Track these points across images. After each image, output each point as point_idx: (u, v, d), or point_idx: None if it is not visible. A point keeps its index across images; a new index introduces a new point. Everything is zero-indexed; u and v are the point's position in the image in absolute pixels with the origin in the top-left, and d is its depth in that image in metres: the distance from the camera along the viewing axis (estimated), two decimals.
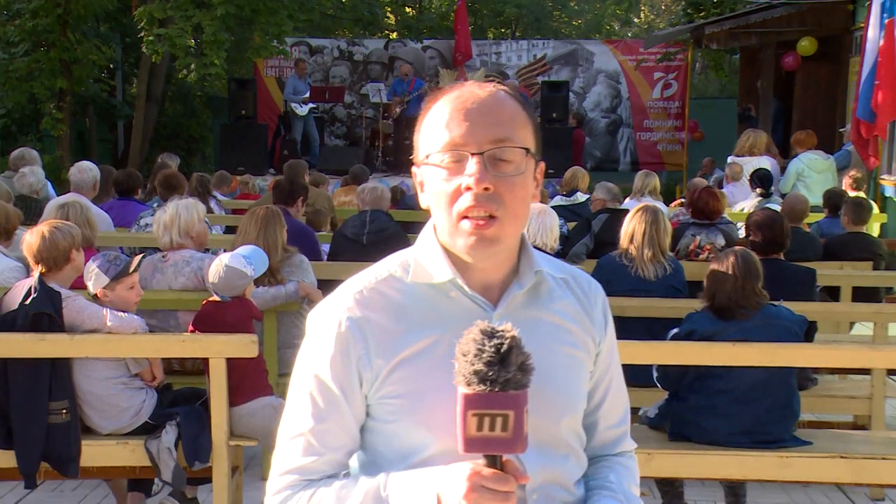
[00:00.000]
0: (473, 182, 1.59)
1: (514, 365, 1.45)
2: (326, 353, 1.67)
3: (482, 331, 1.47)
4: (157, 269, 5.30)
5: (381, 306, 1.67)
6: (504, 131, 1.62)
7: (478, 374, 1.45)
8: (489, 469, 1.49)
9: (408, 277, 1.70)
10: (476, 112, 1.62)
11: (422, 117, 1.71)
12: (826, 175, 11.19)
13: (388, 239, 6.73)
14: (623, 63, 20.89)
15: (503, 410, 1.45)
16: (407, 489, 1.59)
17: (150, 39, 14.92)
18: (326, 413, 1.67)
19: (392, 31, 26.73)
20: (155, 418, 4.33)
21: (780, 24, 15.78)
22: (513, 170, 1.62)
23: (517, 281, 1.70)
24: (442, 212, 1.64)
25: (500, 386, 1.44)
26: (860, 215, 7.55)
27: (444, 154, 1.63)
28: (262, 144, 16.96)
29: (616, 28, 33.99)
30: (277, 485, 1.71)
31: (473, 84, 1.69)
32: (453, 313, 1.66)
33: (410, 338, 1.65)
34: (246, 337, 4.32)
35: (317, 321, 1.72)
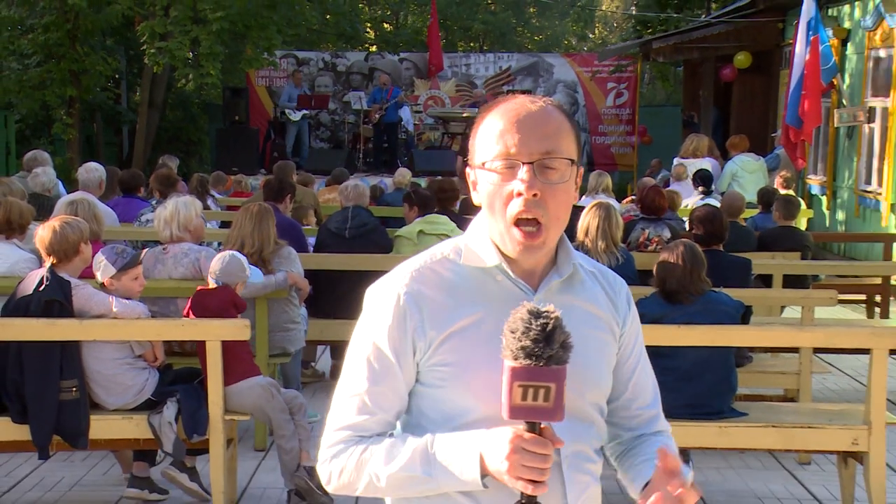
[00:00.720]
0: (524, 188, 1.63)
1: (557, 342, 1.49)
2: (384, 322, 1.69)
3: (529, 311, 1.51)
4: (159, 261, 5.27)
5: (435, 283, 1.70)
6: (551, 143, 1.65)
7: (525, 349, 1.48)
8: (530, 433, 1.53)
9: (460, 259, 1.72)
10: (528, 124, 1.66)
11: (477, 124, 1.73)
12: (757, 175, 11.27)
13: (369, 233, 6.72)
14: (580, 74, 20.91)
15: (546, 383, 1.49)
16: (452, 448, 1.61)
17: (152, 52, 14.83)
18: (381, 377, 1.68)
19: (371, 44, 26.61)
20: (157, 395, 4.31)
21: (718, 40, 15.86)
22: (558, 178, 1.65)
23: (556, 270, 1.73)
24: (496, 213, 1.67)
25: (544, 361, 1.48)
26: (790, 211, 7.61)
27: (498, 161, 1.66)
28: (254, 147, 16.90)
29: (573, 43, 34.05)
30: (331, 439, 1.72)
31: (525, 98, 1.71)
32: (498, 294, 1.69)
33: (461, 312, 1.67)
34: (239, 322, 4.32)
35: (376, 295, 1.74)
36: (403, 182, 10.90)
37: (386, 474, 1.65)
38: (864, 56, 12.38)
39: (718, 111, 17.07)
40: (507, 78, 20.83)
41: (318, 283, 6.40)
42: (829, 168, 13.45)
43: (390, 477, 1.65)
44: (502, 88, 20.06)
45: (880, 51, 11.98)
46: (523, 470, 1.53)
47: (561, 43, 32.19)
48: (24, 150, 9.97)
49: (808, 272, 7.14)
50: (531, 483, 1.53)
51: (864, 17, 12.31)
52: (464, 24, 28.51)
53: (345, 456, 1.69)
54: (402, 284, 1.71)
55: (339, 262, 6.36)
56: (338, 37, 23.08)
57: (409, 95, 19.62)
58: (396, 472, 1.64)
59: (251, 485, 4.87)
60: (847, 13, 13.19)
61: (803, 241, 7.42)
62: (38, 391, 4.16)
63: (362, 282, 7.25)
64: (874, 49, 12.12)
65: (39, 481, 4.92)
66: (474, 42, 29.74)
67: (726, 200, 7.69)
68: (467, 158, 1.76)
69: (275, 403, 4.47)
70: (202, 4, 14.58)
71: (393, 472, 1.65)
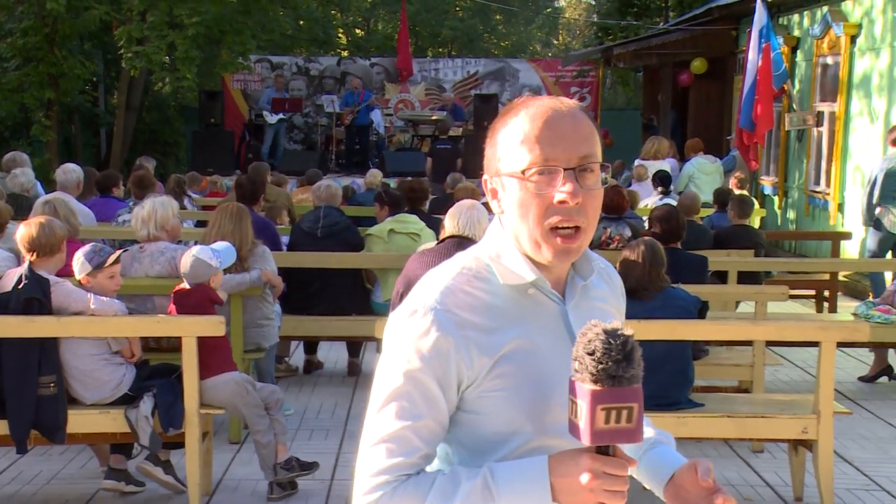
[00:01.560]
0: (568, 197, 1.49)
1: (636, 361, 1.39)
2: (422, 353, 1.49)
3: (605, 331, 1.39)
4: (136, 259, 5.21)
5: (471, 306, 1.52)
6: (587, 147, 1.52)
7: (607, 370, 1.37)
8: (608, 457, 1.41)
9: (492, 277, 1.55)
10: (563, 128, 1.51)
11: (497, 130, 1.58)
12: (714, 176, 11.37)
13: (341, 232, 6.69)
14: (544, 79, 20.97)
15: (630, 403, 1.38)
16: (517, 479, 1.45)
17: (129, 56, 14.67)
18: (425, 410, 1.49)
19: (344, 49, 26.52)
20: (134, 390, 4.27)
21: (676, 46, 15.98)
22: (594, 182, 1.53)
23: (577, 274, 1.61)
24: (529, 222, 1.51)
25: (626, 381, 1.38)
26: (744, 210, 7.68)
27: (535, 168, 1.50)
28: (229, 149, 16.78)
29: (538, 48, 34.15)
30: (368, 485, 1.50)
31: (552, 99, 1.56)
32: (535, 310, 1.56)
33: (506, 334, 1.51)
34: (214, 318, 4.28)
35: (404, 325, 1.52)
36: (375, 182, 10.88)
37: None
38: (812, 63, 12.53)
39: (676, 114, 17.20)
40: (474, 82, 20.85)
41: (292, 280, 6.37)
42: (780, 169, 13.59)
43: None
44: (470, 92, 20.08)
45: (828, 58, 12.12)
46: (605, 495, 1.40)
47: (526, 49, 32.29)
48: (2, 152, 9.82)
49: (761, 269, 7.22)
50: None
51: (813, 25, 12.46)
52: (433, 30, 28.50)
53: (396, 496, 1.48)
54: (437, 310, 1.50)
55: (311, 259, 6.35)
56: (311, 42, 22.97)
57: (380, 99, 19.57)
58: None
59: (226, 477, 4.83)
60: (797, 22, 13.33)
61: (756, 239, 7.49)
62: (17, 387, 4.10)
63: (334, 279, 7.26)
64: (822, 56, 12.26)
65: (18, 475, 4.85)
66: (443, 47, 29.73)
67: (683, 200, 7.74)
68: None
69: (249, 399, 4.44)
70: (178, 10, 14.45)
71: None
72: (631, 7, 23.01)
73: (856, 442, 5.41)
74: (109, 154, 17.61)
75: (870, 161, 10.82)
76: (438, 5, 28.29)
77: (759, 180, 14.10)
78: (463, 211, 4.64)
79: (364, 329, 5.95)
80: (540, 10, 31.04)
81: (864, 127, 11.11)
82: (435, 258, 4.54)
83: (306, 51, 22.89)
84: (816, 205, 12.36)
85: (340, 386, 6.52)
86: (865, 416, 5.89)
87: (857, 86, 11.28)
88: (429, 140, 17.58)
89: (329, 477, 4.80)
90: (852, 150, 11.37)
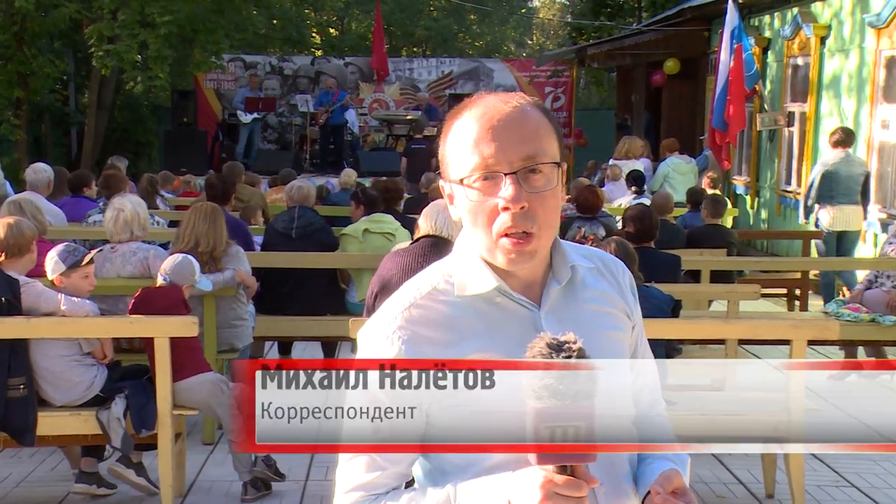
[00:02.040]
0: (510, 202, 1.42)
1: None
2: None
3: (549, 344, 1.31)
4: (107, 259, 5.17)
5: (430, 321, 1.48)
6: (533, 147, 1.44)
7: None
8: (561, 476, 1.32)
9: (453, 290, 1.50)
10: (504, 130, 1.43)
11: (446, 131, 1.51)
12: (688, 176, 11.46)
13: (315, 232, 6.67)
14: (518, 78, 21.02)
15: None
16: (477, 498, 1.40)
17: (100, 55, 14.52)
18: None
19: (318, 48, 26.43)
20: (105, 391, 4.23)
21: (649, 47, 16.08)
22: (544, 184, 1.44)
23: (553, 277, 1.53)
24: (479, 229, 1.46)
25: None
26: (717, 210, 7.74)
27: (476, 174, 1.44)
28: (202, 148, 16.68)
29: (512, 48, 34.23)
30: (341, 502, 1.50)
31: (496, 98, 1.48)
32: (502, 319, 1.49)
33: (466, 348, 1.45)
34: (187, 318, 4.25)
35: (368, 342, 1.50)
36: (349, 182, 10.85)
37: None
38: (783, 63, 12.65)
39: (650, 114, 17.32)
40: (449, 82, 20.87)
41: (266, 280, 6.34)
42: (752, 169, 13.71)
43: None
44: (444, 92, 20.09)
45: (798, 59, 12.25)
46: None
47: (501, 49, 32.35)
48: None
49: (734, 268, 7.28)
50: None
51: (784, 26, 12.58)
52: (407, 29, 28.48)
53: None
54: (395, 328, 1.48)
55: (285, 260, 6.33)
56: (284, 41, 22.87)
57: (354, 98, 19.52)
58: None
59: (199, 478, 4.80)
60: (768, 23, 13.46)
61: (729, 238, 7.55)
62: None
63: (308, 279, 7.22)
64: (793, 57, 12.39)
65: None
66: (417, 47, 29.71)
67: (657, 200, 7.79)
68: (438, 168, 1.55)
69: (223, 399, 4.42)
70: (150, 9, 14.33)
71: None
72: (604, 7, 23.14)
73: None
74: (80, 153, 17.45)
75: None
76: (412, 5, 28.29)
77: (732, 180, 14.21)
78: (439, 211, 4.65)
79: (339, 329, 5.92)
80: (514, 11, 31.11)
81: (833, 127, 11.23)
82: (409, 258, 4.54)
83: (280, 50, 22.79)
84: (788, 204, 12.48)
85: None
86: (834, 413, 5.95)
87: (826, 86, 11.41)
88: (404, 140, 17.57)
89: (303, 477, 4.78)
90: (823, 150, 11.50)
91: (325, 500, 4.58)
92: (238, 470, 4.50)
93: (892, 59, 9.89)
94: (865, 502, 4.60)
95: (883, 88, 10.03)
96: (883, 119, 10.05)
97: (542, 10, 36.87)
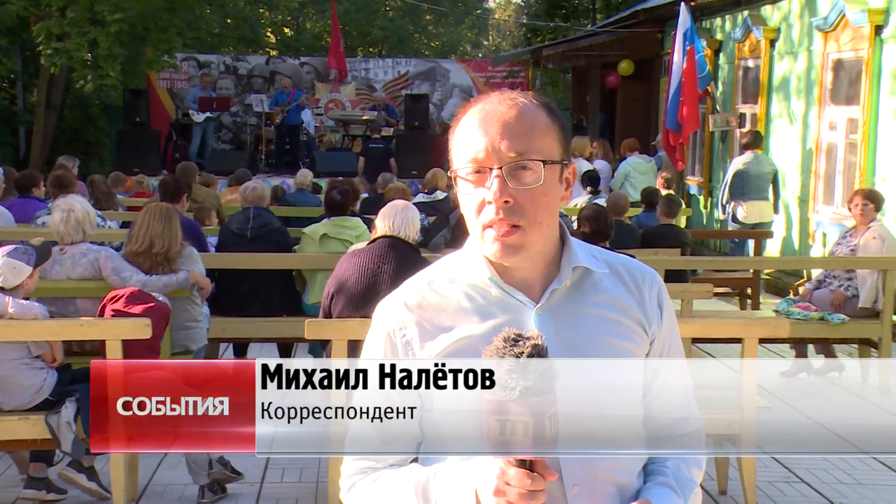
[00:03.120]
0: (493, 196, 1.48)
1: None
2: (379, 353, 1.58)
3: (505, 338, 1.34)
4: (56, 261, 5.07)
5: (427, 306, 1.57)
6: (523, 144, 1.49)
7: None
8: (515, 468, 1.35)
9: (452, 278, 1.59)
10: (496, 126, 1.49)
11: (453, 128, 1.58)
12: (649, 176, 11.59)
13: (271, 233, 6.62)
14: (475, 79, 21.07)
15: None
16: (449, 483, 1.46)
17: (49, 53, 14.24)
18: None
19: (272, 48, 26.23)
20: (55, 395, 4.15)
21: (603, 48, 16.22)
22: (533, 180, 1.49)
23: (557, 277, 1.56)
24: (471, 221, 1.54)
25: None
26: (672, 210, 7.83)
27: (468, 167, 1.51)
28: (155, 148, 16.46)
29: (468, 49, 34.30)
30: (349, 469, 1.61)
31: (497, 97, 1.55)
32: (494, 310, 1.54)
33: (453, 334, 1.53)
34: (139, 321, 4.19)
35: (373, 323, 1.61)
36: (304, 183, 10.79)
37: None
38: (734, 65, 12.84)
39: (605, 115, 17.47)
40: (405, 82, 20.85)
41: (221, 282, 6.28)
42: (705, 169, 13.89)
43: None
44: (401, 92, 20.07)
45: (749, 61, 12.44)
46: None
47: (456, 49, 32.40)
48: None
49: (687, 267, 7.37)
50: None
51: (735, 29, 12.78)
52: (363, 30, 28.39)
53: (359, 490, 1.58)
54: (394, 311, 1.58)
55: (241, 261, 6.27)
56: (238, 40, 22.66)
57: (310, 98, 19.41)
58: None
59: (153, 481, 4.74)
60: (719, 25, 13.65)
61: (683, 238, 7.64)
62: None
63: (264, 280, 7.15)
64: (743, 59, 12.58)
65: None
66: (373, 47, 29.64)
67: (612, 200, 7.86)
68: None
69: None
70: (100, 6, 14.09)
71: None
72: (559, 9, 23.29)
73: None
74: (29, 154, 17.12)
75: (790, 161, 11.14)
76: (368, 5, 28.20)
77: (685, 180, 14.39)
78: (398, 211, 4.64)
79: (295, 330, 5.87)
80: (470, 11, 31.18)
81: (783, 128, 11.44)
82: (365, 258, 4.52)
83: (234, 49, 22.59)
84: None
85: None
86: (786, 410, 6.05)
87: (776, 88, 11.60)
88: (360, 140, 17.51)
89: (259, 479, 4.74)
90: (773, 151, 11.69)
91: (281, 501, 4.55)
92: (194, 473, 4.44)
93: (839, 63, 10.10)
94: (815, 497, 4.68)
95: (830, 91, 10.23)
96: (830, 121, 10.26)
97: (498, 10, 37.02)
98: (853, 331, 6.45)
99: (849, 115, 9.85)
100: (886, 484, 4.86)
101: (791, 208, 11.12)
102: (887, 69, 9.12)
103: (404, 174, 14.52)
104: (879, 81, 9.23)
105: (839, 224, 9.75)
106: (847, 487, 4.79)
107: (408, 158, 15.72)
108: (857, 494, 4.71)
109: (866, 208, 6.65)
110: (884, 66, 9.18)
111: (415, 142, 16.50)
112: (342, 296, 4.46)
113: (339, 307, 4.46)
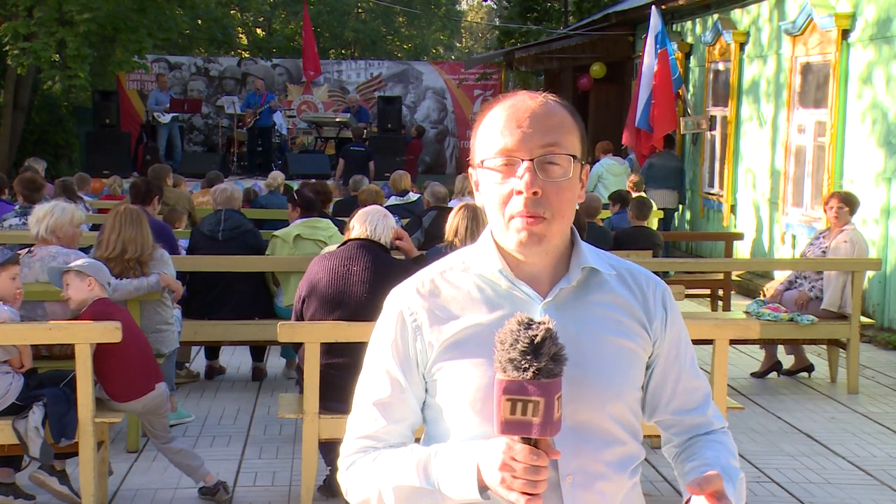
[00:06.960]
0: (524, 186, 1.51)
1: (546, 355, 1.38)
2: (388, 337, 1.62)
3: (519, 322, 1.41)
4: (25, 264, 5.00)
5: (437, 294, 1.62)
6: (553, 137, 1.54)
7: (512, 361, 1.38)
8: (521, 445, 1.42)
9: (464, 268, 1.64)
10: (528, 120, 1.54)
11: (477, 123, 1.62)
12: (622, 177, 11.66)
13: (242, 235, 6.58)
14: (448, 81, 21.09)
15: (534, 397, 1.38)
16: (451, 460, 1.52)
17: (16, 53, 14.09)
18: (391, 389, 1.62)
19: (244, 50, 26.09)
20: (22, 399, 4.10)
21: (575, 51, 16.30)
22: (560, 174, 1.54)
23: (566, 276, 1.61)
24: (495, 212, 1.56)
25: (532, 374, 1.38)
26: (643, 212, 7.88)
27: (497, 159, 1.55)
28: (126, 150, 16.33)
29: (441, 51, 34.32)
30: (349, 448, 1.65)
31: (525, 94, 1.60)
32: (502, 303, 1.59)
33: (460, 323, 1.58)
34: (109, 324, 4.14)
35: (385, 307, 1.66)
36: (276, 184, 10.74)
37: (392, 486, 1.56)
38: (705, 69, 12.95)
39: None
40: (378, 84, 20.81)
41: (192, 284, 6.23)
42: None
43: (396, 489, 1.56)
44: (373, 94, 20.04)
45: (719, 64, 12.56)
46: (515, 482, 1.41)
47: (429, 51, 32.42)
48: None
49: (659, 269, 7.39)
50: (525, 495, 1.41)
51: (705, 32, 12.89)
52: (335, 31, 28.33)
53: (358, 468, 1.62)
54: (406, 298, 1.63)
55: (212, 263, 6.22)
56: (210, 42, 22.52)
57: (282, 100, 19.33)
58: (401, 484, 1.56)
59: (123, 487, 4.69)
60: (690, 29, 13.77)
61: (654, 240, 7.70)
62: None
63: (236, 283, 7.08)
64: (714, 62, 12.70)
65: None
66: (346, 49, 29.57)
67: (584, 202, 7.88)
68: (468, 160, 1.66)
69: (165, 409, 4.43)
70: (68, 6, 13.94)
71: (398, 484, 1.56)
72: (531, 12, 23.37)
73: (747, 435, 5.61)
74: None
75: (760, 164, 11.26)
76: (340, 7, 28.15)
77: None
78: (379, 218, 4.67)
79: (267, 333, 5.86)
80: (444, 14, 31.21)
81: (753, 131, 11.55)
82: (336, 261, 4.51)
83: (206, 51, 22.44)
84: (711, 206, 12.77)
85: (243, 391, 6.40)
86: (757, 410, 6.12)
87: (746, 91, 11.72)
88: (333, 142, 17.46)
89: (231, 483, 4.71)
90: (743, 154, 11.81)
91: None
92: (192, 475, 4.45)
93: (807, 66, 10.22)
94: (785, 497, 4.73)
95: (799, 94, 10.34)
96: (799, 124, 10.37)
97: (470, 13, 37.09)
98: (822, 331, 6.52)
99: (817, 117, 9.96)
100: (855, 483, 4.92)
101: (761, 210, 11.24)
102: (854, 72, 9.24)
103: (377, 176, 14.50)
104: (847, 85, 9.35)
105: (809, 226, 9.86)
106: (816, 487, 4.85)
107: (381, 160, 15.71)
108: (826, 493, 4.77)
109: (841, 211, 6.72)
110: (851, 70, 9.31)
111: (388, 143, 16.49)
112: (314, 298, 4.45)
113: (311, 310, 4.44)
